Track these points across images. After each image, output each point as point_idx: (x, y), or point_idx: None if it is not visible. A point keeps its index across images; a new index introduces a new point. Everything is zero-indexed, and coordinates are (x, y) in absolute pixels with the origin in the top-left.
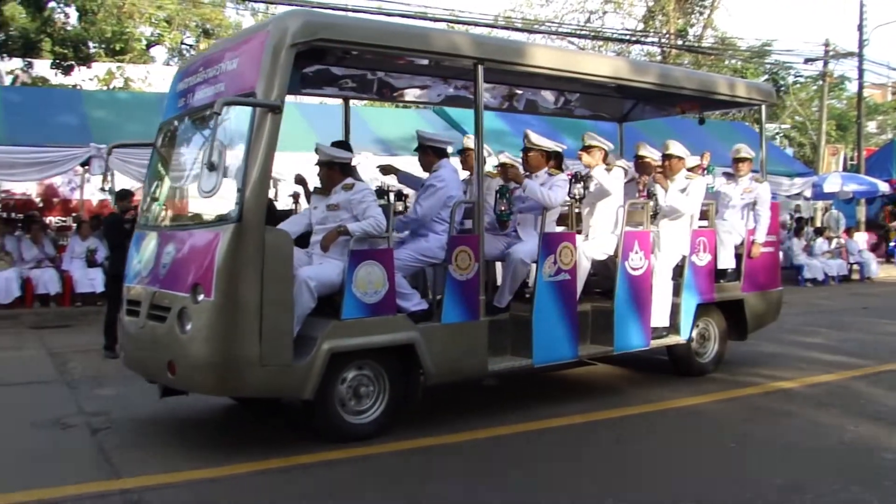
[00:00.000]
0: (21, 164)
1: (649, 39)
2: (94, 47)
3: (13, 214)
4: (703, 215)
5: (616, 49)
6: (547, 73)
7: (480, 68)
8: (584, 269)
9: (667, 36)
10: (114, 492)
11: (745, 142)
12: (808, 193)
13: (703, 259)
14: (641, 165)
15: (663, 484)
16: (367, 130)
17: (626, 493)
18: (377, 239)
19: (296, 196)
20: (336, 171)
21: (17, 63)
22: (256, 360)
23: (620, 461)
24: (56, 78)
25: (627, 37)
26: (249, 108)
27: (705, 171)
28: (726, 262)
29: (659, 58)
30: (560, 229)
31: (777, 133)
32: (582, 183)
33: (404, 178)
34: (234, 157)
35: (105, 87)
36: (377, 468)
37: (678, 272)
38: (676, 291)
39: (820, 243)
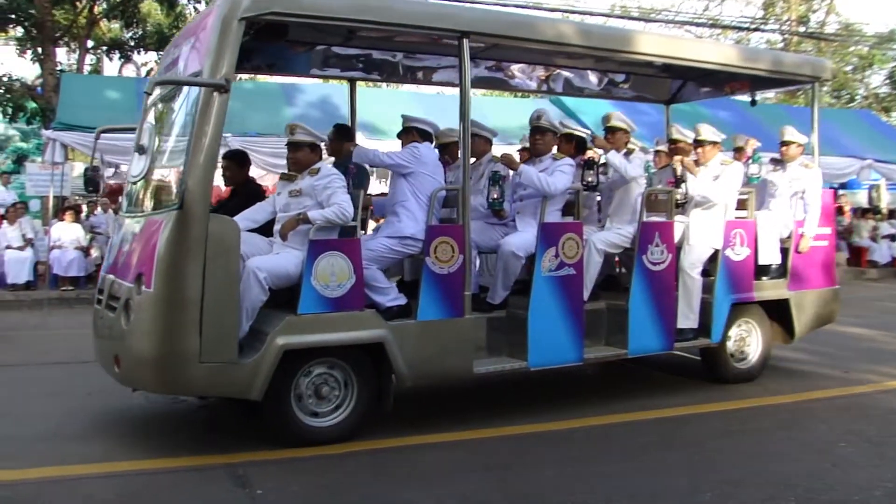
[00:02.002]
0: None
1: (769, 27)
2: None
3: None
4: (742, 205)
5: (735, 37)
6: (546, 47)
7: (466, 42)
8: (594, 263)
9: (788, 23)
10: (219, 465)
11: (871, 132)
12: None
13: (739, 253)
14: (676, 151)
15: (762, 480)
16: (484, 120)
17: (723, 486)
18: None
19: None
20: (311, 153)
21: (152, 56)
22: (195, 357)
23: (720, 455)
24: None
25: (747, 24)
26: (196, 89)
27: (750, 161)
28: (770, 257)
29: (780, 45)
30: (569, 219)
31: None
32: (593, 169)
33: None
34: (182, 141)
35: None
36: (474, 452)
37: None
38: (708, 289)
39: None
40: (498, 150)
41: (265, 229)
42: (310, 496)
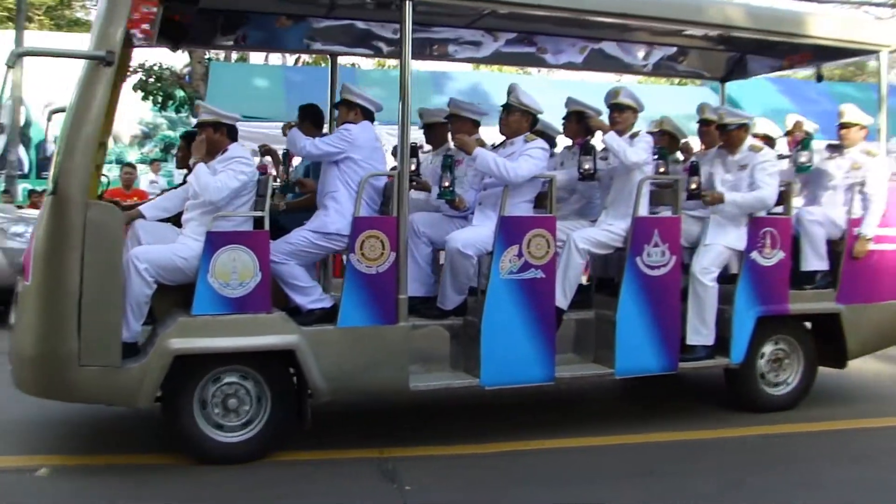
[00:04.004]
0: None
1: None
2: None
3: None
4: (779, 199)
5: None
6: (519, 10)
7: (408, 5)
8: (575, 265)
9: None
10: (366, 459)
11: None
12: None
13: (769, 257)
14: (706, 134)
15: None
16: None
17: None
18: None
19: (263, 168)
20: (215, 134)
21: None
22: (73, 359)
23: (859, 475)
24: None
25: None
26: (84, 62)
27: (799, 146)
28: (815, 262)
29: None
30: (542, 212)
31: None
32: (591, 154)
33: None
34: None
35: (380, 66)
36: (623, 457)
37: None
38: (729, 299)
39: None
40: None
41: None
42: (462, 494)
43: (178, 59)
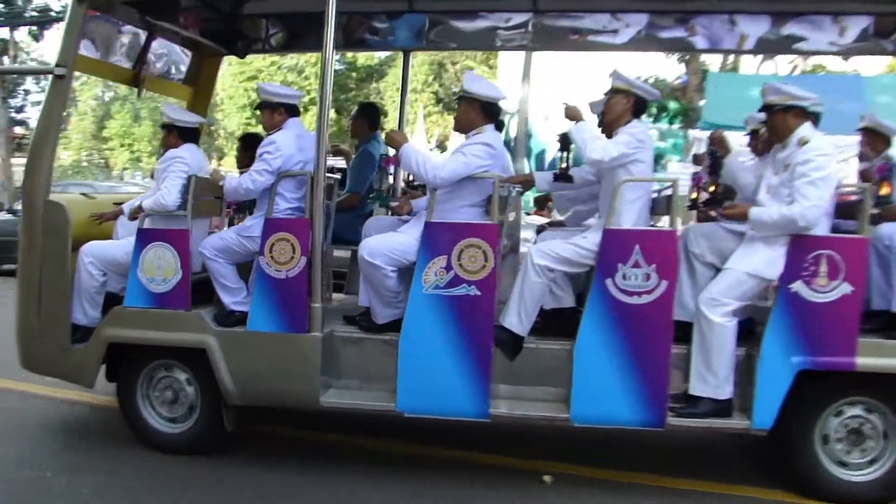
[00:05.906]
0: None
1: None
2: None
3: None
4: (846, 212)
5: None
6: None
7: None
8: (531, 285)
9: None
10: (769, 500)
11: None
12: None
13: (824, 290)
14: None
15: None
16: None
17: None
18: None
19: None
20: (173, 136)
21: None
22: (38, 336)
23: None
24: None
25: None
26: None
27: None
28: None
29: None
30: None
31: None
32: (569, 150)
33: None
34: None
35: (892, 71)
36: None
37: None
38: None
39: None
40: None
41: None
42: None
43: (671, 71)
